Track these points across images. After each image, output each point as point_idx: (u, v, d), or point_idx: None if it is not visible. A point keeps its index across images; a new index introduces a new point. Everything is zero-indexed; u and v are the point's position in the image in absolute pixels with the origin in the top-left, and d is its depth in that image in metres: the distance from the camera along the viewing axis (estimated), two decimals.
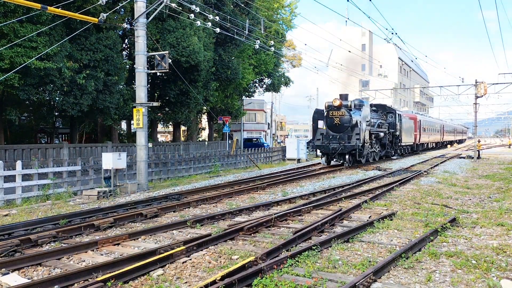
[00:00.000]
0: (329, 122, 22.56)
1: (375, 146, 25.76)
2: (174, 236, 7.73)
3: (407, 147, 34.29)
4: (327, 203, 10.91)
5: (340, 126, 22.23)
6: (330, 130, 22.54)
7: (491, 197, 12.35)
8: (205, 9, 23.71)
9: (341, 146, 21.65)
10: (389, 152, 29.21)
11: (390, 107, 30.65)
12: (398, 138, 30.26)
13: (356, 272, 5.61)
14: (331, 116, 22.44)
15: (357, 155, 22.02)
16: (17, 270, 5.81)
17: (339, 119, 22.23)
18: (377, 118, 26.95)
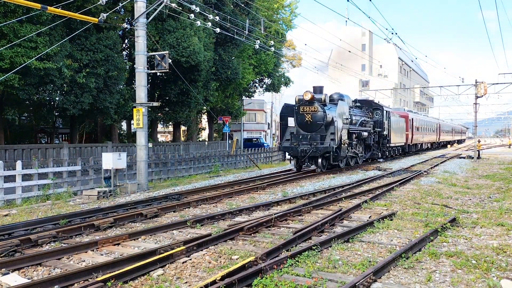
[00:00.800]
0: (300, 120, 19.18)
1: (357, 147, 22.48)
2: (174, 236, 7.73)
3: (397, 148, 31.43)
4: (327, 203, 10.91)
5: (312, 124, 18.97)
6: (301, 129, 19.16)
7: (491, 197, 12.35)
8: (205, 9, 23.71)
9: (312, 148, 18.38)
10: (375, 154, 25.92)
11: (377, 103, 27.15)
12: (386, 138, 27.05)
13: (356, 272, 5.61)
14: (301, 112, 19.08)
15: (332, 159, 19.05)
16: (17, 270, 5.81)
17: (310, 116, 18.91)
18: (361, 115, 23.51)
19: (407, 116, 33.94)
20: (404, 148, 33.78)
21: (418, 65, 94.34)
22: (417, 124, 37.07)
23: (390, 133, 27.67)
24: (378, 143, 26.13)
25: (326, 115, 18.78)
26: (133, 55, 20.84)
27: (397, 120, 29.99)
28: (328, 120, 18.75)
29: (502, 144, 73.24)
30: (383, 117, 26.27)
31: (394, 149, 30.69)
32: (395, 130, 28.79)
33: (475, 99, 30.79)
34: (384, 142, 26.83)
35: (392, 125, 27.94)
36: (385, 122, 26.58)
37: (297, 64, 49.07)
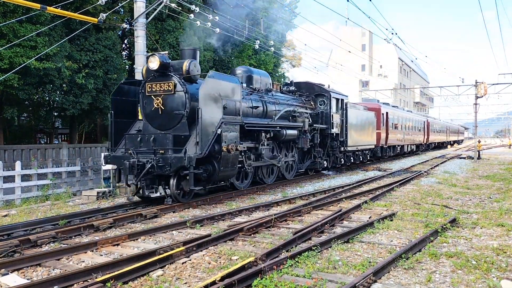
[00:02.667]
0: (147, 108, 11.28)
1: (278, 153, 14.87)
2: (173, 236, 7.72)
3: (363, 152, 23.42)
4: (327, 203, 10.90)
5: (165, 116, 11.01)
6: (150, 124, 11.31)
7: (491, 197, 12.34)
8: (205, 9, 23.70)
9: (156, 161, 10.24)
10: (319, 164, 17.85)
11: (323, 87, 18.64)
12: (337, 139, 18.88)
13: (356, 272, 5.60)
14: (148, 93, 11.17)
15: (190, 181, 10.28)
16: (17, 271, 5.80)
17: (161, 101, 10.96)
18: (289, 104, 15.82)
19: (378, 109, 26.30)
20: (375, 151, 26.00)
21: (418, 65, 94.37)
22: (395, 121, 29.84)
23: (347, 131, 19.58)
24: (325, 147, 18.28)
25: (189, 98, 10.77)
26: (132, 55, 20.83)
27: (360, 114, 22.11)
28: (188, 107, 10.80)
29: (502, 144, 73.23)
30: (332, 108, 18.20)
31: (358, 154, 22.60)
32: (357, 128, 21.05)
33: (475, 100, 30.79)
34: (334, 144, 18.69)
35: (351, 120, 20.14)
36: (335, 115, 18.60)
37: (297, 64, 49.07)
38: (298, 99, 17.17)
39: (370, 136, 23.37)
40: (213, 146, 10.71)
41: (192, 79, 11.39)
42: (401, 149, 32.38)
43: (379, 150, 26.57)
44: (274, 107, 14.67)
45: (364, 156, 23.74)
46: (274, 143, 14.61)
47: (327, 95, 18.16)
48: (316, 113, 17.85)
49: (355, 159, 22.23)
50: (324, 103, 18.13)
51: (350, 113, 20.20)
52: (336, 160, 19.57)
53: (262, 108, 13.89)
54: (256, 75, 14.53)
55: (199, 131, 10.36)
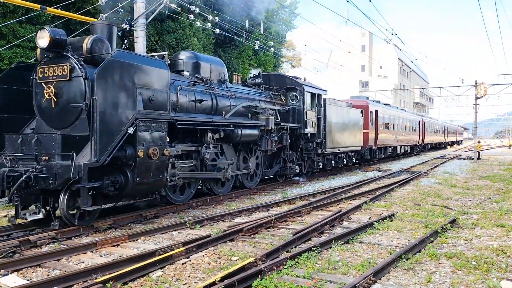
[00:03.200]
0: (38, 99, 8.66)
1: (232, 158, 12.35)
2: (173, 237, 7.71)
3: (348, 154, 20.75)
4: (327, 204, 10.90)
5: (59, 110, 8.41)
6: (43, 120, 8.71)
7: (491, 198, 12.34)
8: (205, 10, 23.72)
9: (34, 171, 7.42)
10: (289, 169, 15.04)
11: (295, 80, 15.85)
12: (313, 140, 16.17)
13: (356, 273, 5.60)
14: (39, 79, 8.58)
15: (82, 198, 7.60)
16: (16, 271, 5.79)
17: (53, 90, 8.34)
18: (251, 99, 13.28)
19: (365, 106, 23.61)
20: (363, 154, 23.22)
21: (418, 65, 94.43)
22: (385, 120, 27.44)
23: (326, 131, 17.10)
24: (299, 149, 15.65)
25: (91, 85, 8.05)
26: None
27: (343, 112, 19.46)
28: (83, 97, 8.18)
29: (502, 145, 73.25)
30: (305, 104, 15.42)
31: (341, 157, 19.94)
32: (339, 128, 18.54)
33: (475, 100, 30.80)
34: (309, 146, 16.15)
35: (330, 119, 17.57)
36: (310, 113, 15.75)
37: (297, 65, 49.09)
38: (263, 93, 14.35)
39: (355, 137, 20.77)
40: (123, 150, 8.12)
41: (97, 60, 8.42)
42: (393, 150, 29.50)
43: (367, 152, 23.74)
44: (229, 101, 12.02)
45: (349, 158, 21.01)
46: (229, 145, 12.23)
47: (300, 89, 15.31)
48: (287, 110, 15.11)
49: (337, 162, 19.50)
50: (297, 98, 15.33)
51: (330, 111, 17.59)
52: (313, 164, 16.75)
53: (210, 102, 11.21)
54: (204, 62, 11.68)
55: (96, 130, 7.50)
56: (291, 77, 16.00)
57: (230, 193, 12.51)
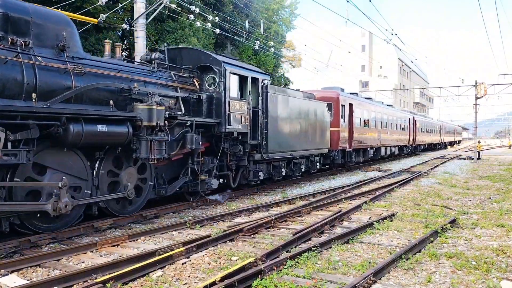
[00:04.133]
0: None
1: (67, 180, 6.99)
2: (173, 237, 7.71)
3: (309, 159, 16.30)
4: (327, 204, 10.90)
5: None
6: None
7: (491, 198, 12.34)
8: (205, 10, 23.73)
9: None
10: (201, 184, 10.65)
11: (213, 56, 11.40)
12: (244, 142, 11.96)
13: (356, 273, 5.60)
14: None
15: None
16: (16, 271, 5.79)
17: None
18: (123, 78, 9.01)
19: (335, 99, 19.17)
20: (335, 157, 18.91)
21: (418, 65, 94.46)
22: (364, 116, 23.12)
23: (268, 130, 12.80)
24: (218, 155, 11.28)
25: None
26: (132, 55, 20.85)
27: (298, 104, 14.95)
28: None
29: (502, 145, 73.26)
30: (229, 91, 11.22)
31: (298, 163, 15.21)
32: (291, 125, 14.32)
33: (475, 100, 30.80)
34: (238, 151, 11.75)
35: (275, 113, 13.27)
36: (237, 104, 11.48)
37: (297, 65, 49.09)
38: (157, 74, 10.05)
39: (319, 137, 16.54)
40: None
41: None
42: (375, 152, 25.40)
43: (339, 156, 19.29)
44: (68, 79, 7.78)
45: (311, 164, 16.48)
46: (72, 152, 7.80)
47: (219, 68, 10.90)
48: (197, 99, 10.73)
49: (292, 170, 14.95)
50: (215, 83, 10.98)
51: (275, 102, 13.25)
52: (247, 175, 12.40)
53: (21, 78, 7.02)
54: (20, 14, 7.33)
55: None
56: (208, 53, 11.51)
57: (230, 193, 12.45)
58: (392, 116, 29.41)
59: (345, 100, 20.19)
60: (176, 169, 10.44)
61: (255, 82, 12.47)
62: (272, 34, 35.24)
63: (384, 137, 26.67)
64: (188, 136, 9.91)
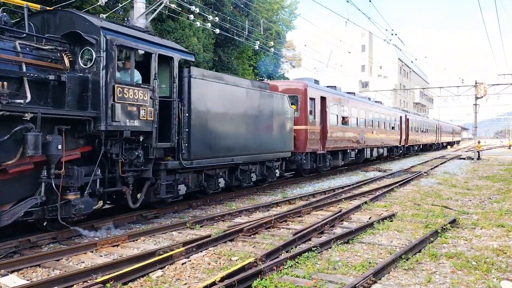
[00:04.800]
0: None
1: None
2: (173, 237, 7.71)
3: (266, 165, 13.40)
4: (327, 204, 10.90)
5: None
6: None
7: (491, 198, 12.34)
8: (205, 10, 23.74)
9: None
10: (66, 208, 7.16)
11: (89, 20, 7.74)
12: (148, 145, 8.55)
13: (356, 273, 5.60)
14: None
15: None
16: (16, 272, 5.79)
17: None
18: None
19: (302, 91, 15.87)
20: (301, 162, 15.58)
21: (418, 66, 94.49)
22: (342, 112, 19.71)
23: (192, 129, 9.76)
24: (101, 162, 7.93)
25: None
26: None
27: (244, 96, 11.96)
28: None
29: (502, 145, 73.26)
30: (113, 70, 7.72)
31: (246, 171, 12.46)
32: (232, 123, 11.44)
33: (475, 100, 30.80)
34: (137, 157, 8.32)
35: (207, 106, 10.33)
36: (131, 90, 8.09)
37: (297, 65, 49.11)
38: None
39: (278, 137, 13.55)
40: None
41: None
42: (358, 155, 21.90)
43: (307, 159, 16.00)
44: None
45: (268, 171, 13.35)
46: None
47: (98, 38, 7.63)
48: (58, 81, 7.31)
49: (239, 180, 12.05)
50: (91, 59, 7.69)
51: (203, 91, 9.99)
52: (158, 190, 9.16)
53: None
54: None
55: None
56: (83, 16, 8.08)
57: (230, 193, 12.45)
58: (380, 113, 26.20)
59: (315, 93, 16.69)
60: (24, 186, 6.91)
61: (168, 62, 9.21)
62: (273, 35, 35.25)
63: (369, 137, 23.42)
64: (29, 136, 6.52)
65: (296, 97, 15.68)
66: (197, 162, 9.92)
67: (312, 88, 16.54)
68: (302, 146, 15.61)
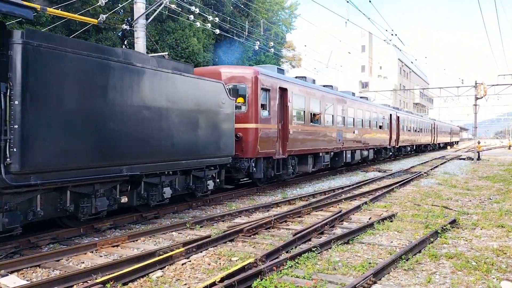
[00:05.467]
0: None
1: None
2: (173, 237, 7.71)
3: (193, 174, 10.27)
4: (327, 204, 10.90)
5: None
6: None
7: (491, 198, 12.34)
8: (205, 10, 23.75)
9: None
10: None
11: None
12: None
13: (356, 273, 5.60)
14: None
15: None
16: (16, 272, 5.79)
17: None
18: None
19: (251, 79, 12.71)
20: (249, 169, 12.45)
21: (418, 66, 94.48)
22: (311, 107, 16.11)
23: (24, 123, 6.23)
24: None
25: None
26: None
27: (148, 79, 8.54)
28: None
29: (502, 145, 73.26)
30: None
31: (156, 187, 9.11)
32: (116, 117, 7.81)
33: (475, 101, 30.80)
34: None
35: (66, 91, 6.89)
36: None
37: (297, 65, 49.12)
38: None
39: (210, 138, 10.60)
40: None
41: None
42: (334, 159, 18.68)
43: (258, 167, 12.79)
44: None
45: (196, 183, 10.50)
46: None
47: None
48: None
49: (143, 198, 8.93)
50: None
51: (52, 69, 6.71)
52: None
53: None
54: None
55: None
56: None
57: (230, 193, 12.49)
58: (364, 110, 22.74)
59: (270, 83, 13.25)
60: None
61: None
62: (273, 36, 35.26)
63: (350, 138, 20.13)
64: None
65: (243, 87, 12.49)
66: (38, 177, 6.48)
67: (265, 76, 13.07)
68: (251, 149, 12.25)
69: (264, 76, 13.04)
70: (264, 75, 13.09)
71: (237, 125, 11.81)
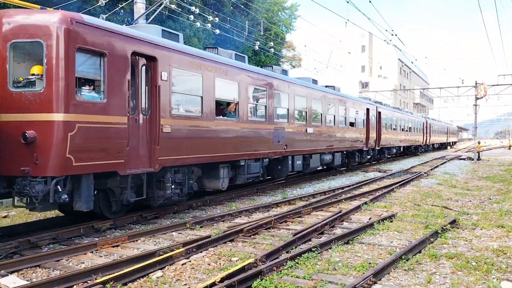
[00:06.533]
0: None
1: None
2: (173, 237, 7.71)
3: None
4: (327, 204, 10.89)
5: None
6: None
7: (491, 198, 12.34)
8: (205, 10, 23.74)
9: None
10: None
11: None
12: None
13: (356, 274, 5.60)
14: None
15: None
16: (16, 272, 5.79)
17: None
18: None
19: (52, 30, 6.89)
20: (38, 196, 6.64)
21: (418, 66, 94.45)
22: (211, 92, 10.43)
23: None
24: None
25: None
26: None
27: None
28: None
29: (502, 145, 73.26)
30: None
31: None
32: None
33: (475, 101, 30.80)
34: None
35: None
36: None
37: (297, 65, 49.10)
38: None
39: None
40: None
41: None
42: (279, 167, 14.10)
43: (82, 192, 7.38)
44: None
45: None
46: None
47: None
48: None
49: None
50: None
51: None
52: None
53: None
54: None
55: None
56: None
57: (230, 193, 12.49)
58: (326, 103, 17.40)
59: (107, 41, 7.83)
60: None
61: None
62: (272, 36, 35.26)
63: (301, 138, 15.20)
64: None
65: (38, 45, 7.10)
66: None
67: (93, 28, 7.59)
68: (54, 160, 6.89)
69: (89, 28, 7.49)
70: (91, 26, 7.55)
71: (25, 116, 6.96)
